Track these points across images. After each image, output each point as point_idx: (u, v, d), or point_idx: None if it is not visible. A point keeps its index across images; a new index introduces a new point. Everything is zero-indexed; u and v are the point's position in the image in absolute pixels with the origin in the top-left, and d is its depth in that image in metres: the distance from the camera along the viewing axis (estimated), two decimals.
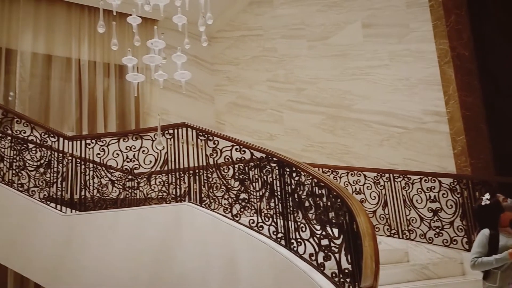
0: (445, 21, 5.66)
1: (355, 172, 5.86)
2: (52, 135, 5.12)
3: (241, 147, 4.45)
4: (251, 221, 4.14)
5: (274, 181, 4.09)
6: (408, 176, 5.37)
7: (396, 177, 5.46)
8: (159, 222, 4.72)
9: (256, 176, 4.28)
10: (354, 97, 6.62)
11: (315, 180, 3.64)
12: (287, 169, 3.97)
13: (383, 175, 5.58)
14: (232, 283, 4.08)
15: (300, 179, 3.84)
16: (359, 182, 5.77)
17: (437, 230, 5.03)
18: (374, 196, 5.60)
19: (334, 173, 6.02)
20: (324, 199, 3.54)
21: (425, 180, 5.20)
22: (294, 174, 3.89)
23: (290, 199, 3.92)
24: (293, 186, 3.90)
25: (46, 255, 4.78)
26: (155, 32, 3.74)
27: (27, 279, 6.87)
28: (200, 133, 4.75)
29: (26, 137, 5.11)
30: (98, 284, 4.82)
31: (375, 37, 6.46)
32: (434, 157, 5.57)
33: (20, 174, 4.99)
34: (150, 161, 4.92)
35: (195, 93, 8.95)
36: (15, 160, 5.01)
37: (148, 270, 4.65)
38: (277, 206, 4.02)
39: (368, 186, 5.68)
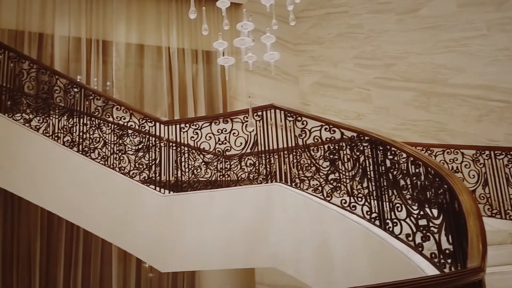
0: None
1: (452, 150, 5.58)
2: (149, 120, 5.40)
3: (331, 126, 4.40)
4: (343, 201, 4.11)
5: (366, 160, 4.01)
6: (511, 153, 5.03)
7: (498, 154, 5.13)
8: (251, 202, 4.83)
9: (347, 156, 4.22)
10: (448, 71, 6.27)
11: (411, 159, 3.51)
12: (380, 148, 3.87)
13: (483, 152, 5.27)
14: (326, 263, 4.09)
15: (395, 158, 3.73)
16: (456, 160, 5.49)
17: None
18: (473, 175, 5.31)
19: (429, 152, 5.77)
20: (422, 178, 3.41)
21: None
22: (388, 153, 3.79)
23: (384, 178, 3.83)
24: (387, 165, 3.80)
25: (148, 233, 5.08)
26: (244, 14, 3.77)
27: (129, 255, 7.38)
28: (289, 114, 4.76)
29: (125, 123, 5.42)
30: (195, 261, 5.06)
31: (469, 6, 6.05)
32: None
33: (121, 158, 5.32)
34: (241, 143, 5.03)
35: (279, 74, 8.96)
36: (116, 145, 5.35)
37: (241, 248, 4.79)
38: (370, 186, 3.94)
39: (466, 165, 5.39)
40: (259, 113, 4.99)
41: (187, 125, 5.30)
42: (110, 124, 5.45)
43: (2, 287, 7.12)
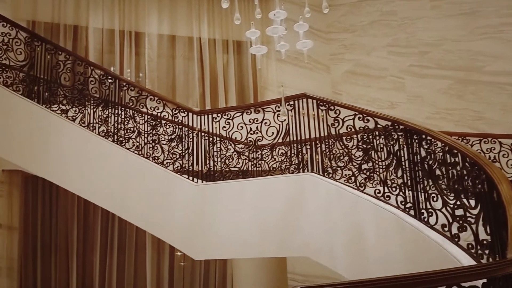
0: None
1: (489, 139, 5.43)
2: (182, 110, 5.46)
3: (365, 115, 4.35)
4: (377, 191, 4.06)
5: (401, 150, 3.95)
6: None
7: None
8: (283, 192, 4.83)
9: (381, 145, 4.17)
10: (486, 58, 6.10)
11: (448, 148, 3.44)
12: (415, 137, 3.80)
13: None
14: (359, 252, 4.07)
15: (430, 147, 3.66)
16: (494, 150, 5.35)
17: None
18: None
19: (465, 141, 5.64)
20: (458, 168, 3.34)
21: None
22: (423, 142, 3.72)
23: (419, 168, 3.77)
24: (422, 155, 3.74)
25: (181, 221, 5.15)
26: (276, 3, 3.75)
27: (163, 242, 7.52)
28: (321, 103, 4.73)
29: (159, 114, 5.49)
30: (228, 249, 5.11)
31: None
32: None
33: (155, 148, 5.40)
34: (272, 133, 5.03)
35: (310, 63, 8.87)
36: (150, 135, 5.44)
37: (273, 238, 4.81)
38: (404, 176, 3.88)
39: (504, 154, 5.25)
40: (291, 103, 4.97)
41: (219, 115, 5.33)
42: (143, 115, 5.53)
43: (42, 274, 7.37)
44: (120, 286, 7.67)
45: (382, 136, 4.15)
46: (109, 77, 5.64)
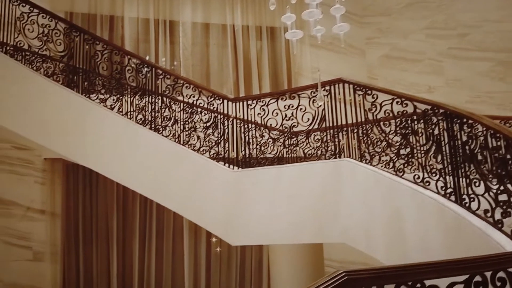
0: None
1: None
2: (217, 98, 5.49)
3: (403, 99, 4.26)
4: (416, 176, 3.99)
5: (441, 134, 3.86)
6: None
7: None
8: (319, 178, 4.81)
9: (420, 130, 4.09)
10: None
11: (491, 131, 3.33)
12: (456, 121, 3.71)
13: None
14: (397, 238, 4.02)
15: (472, 131, 3.56)
16: None
17: None
18: None
19: (507, 125, 5.47)
20: (502, 152, 3.24)
21: None
22: (464, 126, 3.62)
23: (460, 153, 3.68)
24: (463, 139, 3.64)
25: (218, 208, 5.21)
26: None
27: (199, 228, 7.64)
28: (358, 88, 4.66)
29: (194, 101, 5.54)
30: (264, 235, 5.14)
31: None
32: None
33: (191, 135, 5.46)
34: (308, 119, 5.00)
35: (345, 48, 8.75)
36: (187, 123, 5.50)
37: (310, 224, 4.81)
38: (444, 161, 3.80)
39: None
40: (327, 88, 4.92)
41: (254, 101, 5.34)
42: (179, 103, 5.59)
43: (84, 259, 7.61)
44: (159, 272, 7.84)
45: (421, 121, 4.07)
46: (146, 66, 5.72)
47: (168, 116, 5.54)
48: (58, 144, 5.44)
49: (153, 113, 5.54)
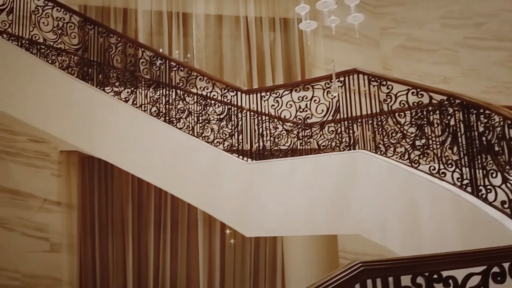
0: None
1: None
2: (231, 89, 5.49)
3: (418, 90, 4.21)
4: (432, 167, 3.97)
5: (457, 125, 3.83)
6: None
7: None
8: (334, 169, 4.79)
9: (436, 121, 4.05)
10: None
11: (508, 122, 3.29)
12: (473, 112, 3.66)
13: None
14: (413, 229, 4.00)
15: (489, 122, 3.52)
16: None
17: None
18: None
19: None
20: None
21: None
22: (481, 117, 3.58)
23: (476, 143, 3.64)
24: (479, 130, 3.60)
25: (233, 199, 5.22)
26: None
27: (214, 220, 7.68)
28: (373, 79, 4.62)
29: (208, 93, 5.54)
30: (279, 226, 5.15)
31: None
32: None
33: (205, 127, 5.48)
34: (322, 110, 4.98)
35: (359, 39, 8.67)
36: (200, 115, 5.51)
37: (324, 215, 4.79)
38: (461, 152, 3.76)
39: None
40: (341, 79, 4.88)
41: (268, 93, 5.32)
42: (193, 95, 5.60)
43: (100, 250, 7.71)
44: (174, 263, 7.91)
45: (437, 111, 4.03)
46: (159, 58, 5.74)
47: (182, 108, 5.55)
48: (73, 136, 5.49)
49: (167, 106, 5.56)
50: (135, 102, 5.58)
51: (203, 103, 5.53)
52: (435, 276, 1.97)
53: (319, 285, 1.78)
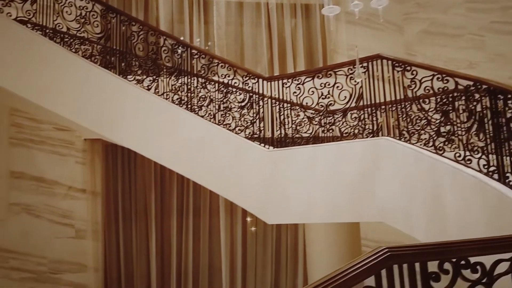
0: None
1: None
2: (252, 77, 5.47)
3: (444, 75, 4.14)
4: (457, 154, 3.90)
5: (483, 111, 3.75)
6: None
7: None
8: (357, 157, 4.75)
9: (462, 107, 3.97)
10: None
11: None
12: (500, 97, 3.58)
13: None
14: (438, 217, 3.95)
15: None
16: None
17: None
18: None
19: None
20: None
21: None
22: (509, 102, 3.50)
23: (503, 130, 3.57)
24: (508, 116, 3.52)
25: (255, 186, 5.24)
26: None
27: (235, 207, 7.72)
28: (397, 64, 4.55)
29: (229, 81, 5.54)
30: (301, 214, 5.15)
31: None
32: None
33: (227, 115, 5.48)
34: (345, 97, 4.93)
35: (382, 24, 8.53)
36: (222, 102, 5.51)
37: (347, 202, 4.77)
38: (487, 138, 3.69)
39: None
40: (364, 65, 4.82)
41: (289, 80, 5.29)
42: (215, 83, 5.60)
43: (124, 236, 7.83)
44: (196, 249, 7.99)
45: (463, 97, 3.95)
46: (181, 46, 5.74)
47: (204, 96, 5.56)
48: (96, 124, 5.55)
49: (189, 94, 5.58)
50: (157, 90, 5.61)
51: (225, 90, 5.53)
52: (463, 262, 1.95)
53: (345, 270, 1.77)
